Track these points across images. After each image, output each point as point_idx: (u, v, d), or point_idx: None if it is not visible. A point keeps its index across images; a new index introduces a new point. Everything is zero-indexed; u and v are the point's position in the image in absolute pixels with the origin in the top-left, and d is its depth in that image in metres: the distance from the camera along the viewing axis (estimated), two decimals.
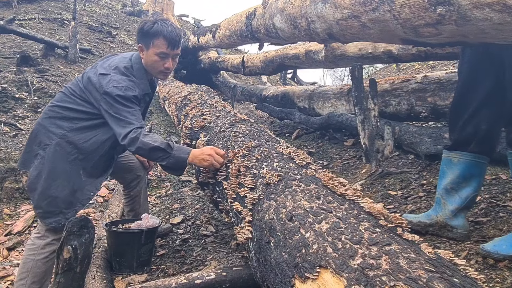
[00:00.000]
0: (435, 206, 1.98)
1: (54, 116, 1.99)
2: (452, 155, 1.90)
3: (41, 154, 1.93)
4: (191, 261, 2.30)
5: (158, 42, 1.98)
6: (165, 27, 1.98)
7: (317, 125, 4.37)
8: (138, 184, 2.51)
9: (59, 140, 1.94)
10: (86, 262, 1.99)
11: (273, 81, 10.00)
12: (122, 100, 1.89)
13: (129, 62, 2.06)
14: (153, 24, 1.98)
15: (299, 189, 1.33)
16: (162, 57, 2.01)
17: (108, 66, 2.01)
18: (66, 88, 2.08)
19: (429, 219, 1.95)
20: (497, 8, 1.10)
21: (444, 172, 1.94)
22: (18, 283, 1.87)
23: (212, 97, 3.23)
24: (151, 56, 2.01)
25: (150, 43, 1.99)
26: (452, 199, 1.88)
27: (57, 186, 1.90)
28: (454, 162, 1.89)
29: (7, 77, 5.83)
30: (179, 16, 14.48)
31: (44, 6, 10.11)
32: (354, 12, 1.71)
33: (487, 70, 1.79)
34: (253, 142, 1.90)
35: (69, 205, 1.94)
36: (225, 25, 4.36)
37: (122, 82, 1.93)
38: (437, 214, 1.93)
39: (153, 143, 1.85)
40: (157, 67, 2.05)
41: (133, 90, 1.94)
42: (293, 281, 1.05)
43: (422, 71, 6.94)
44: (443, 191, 1.92)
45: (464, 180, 1.87)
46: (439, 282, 0.79)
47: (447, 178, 1.91)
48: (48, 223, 1.90)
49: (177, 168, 1.96)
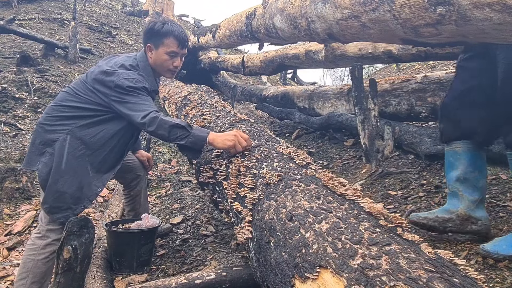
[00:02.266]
0: (451, 200, 1.89)
1: (58, 115, 2.00)
2: (456, 146, 1.88)
3: (49, 151, 1.93)
4: (191, 261, 2.30)
5: (169, 42, 2.07)
6: (175, 27, 2.08)
7: (317, 125, 4.37)
8: (138, 184, 2.52)
9: (66, 135, 1.94)
10: (86, 262, 1.98)
11: (273, 81, 10.00)
12: (134, 91, 1.93)
13: (134, 61, 2.10)
14: (163, 24, 2.07)
15: (299, 189, 1.33)
16: (172, 56, 2.10)
17: (114, 64, 2.04)
18: (70, 88, 2.09)
19: (448, 214, 1.84)
20: (497, 8, 1.10)
21: (452, 163, 1.89)
22: (18, 283, 1.86)
23: (212, 97, 3.23)
24: (161, 55, 2.09)
25: (160, 42, 2.07)
26: (470, 190, 1.82)
27: (64, 182, 1.91)
28: (459, 151, 1.86)
29: (7, 77, 5.83)
30: (179, 16, 14.47)
31: (44, 6, 10.10)
32: (354, 12, 1.71)
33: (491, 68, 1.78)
34: (253, 142, 1.90)
35: (77, 200, 1.94)
36: (225, 25, 4.36)
37: (131, 75, 1.98)
38: (457, 207, 1.83)
39: (173, 121, 1.90)
40: (166, 66, 2.12)
41: (143, 82, 1.99)
42: (293, 281, 1.05)
43: (422, 71, 6.94)
44: (458, 183, 1.85)
45: (475, 169, 1.83)
46: (439, 282, 0.79)
47: (458, 170, 1.85)
48: (56, 218, 1.90)
49: (195, 149, 1.95)
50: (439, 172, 2.67)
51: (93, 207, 3.46)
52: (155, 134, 1.93)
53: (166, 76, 2.24)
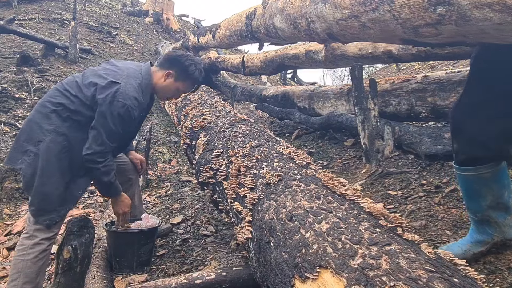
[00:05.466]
0: (481, 229, 1.68)
1: (46, 112, 1.94)
2: (483, 171, 1.60)
3: (33, 151, 1.89)
4: (191, 261, 2.30)
5: (189, 85, 2.21)
6: (201, 74, 2.20)
7: (317, 125, 4.37)
8: (130, 187, 2.46)
9: (53, 136, 1.90)
10: (86, 262, 1.99)
11: (273, 81, 10.00)
12: (118, 118, 1.89)
13: (140, 77, 2.04)
14: (195, 67, 2.16)
15: (299, 189, 1.33)
16: (180, 93, 2.24)
17: (120, 75, 1.97)
18: (61, 84, 2.03)
19: (484, 245, 1.67)
20: (497, 8, 1.10)
21: (477, 191, 1.64)
22: (11, 284, 1.85)
23: (212, 97, 3.23)
24: (174, 87, 2.17)
25: (182, 79, 2.16)
26: (503, 213, 1.64)
27: (51, 184, 1.88)
28: (487, 177, 1.60)
29: (7, 77, 5.83)
30: (179, 16, 14.48)
31: (44, 6, 10.11)
32: (354, 12, 1.71)
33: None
34: (253, 142, 1.90)
35: (63, 202, 1.92)
36: (225, 25, 4.36)
37: (127, 100, 1.91)
38: (491, 236, 1.66)
39: (107, 178, 1.99)
40: (169, 96, 2.25)
41: (134, 111, 1.94)
42: (293, 281, 1.05)
43: (422, 71, 6.94)
44: (489, 211, 1.63)
45: (504, 189, 1.62)
46: (439, 282, 0.79)
47: (487, 197, 1.62)
48: (42, 221, 1.88)
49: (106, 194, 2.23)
50: (439, 172, 2.67)
51: (93, 207, 3.46)
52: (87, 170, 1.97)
53: (161, 100, 2.33)
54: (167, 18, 12.14)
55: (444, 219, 2.10)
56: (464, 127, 1.61)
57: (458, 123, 1.64)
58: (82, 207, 3.46)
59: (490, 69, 1.52)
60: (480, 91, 1.55)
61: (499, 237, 1.66)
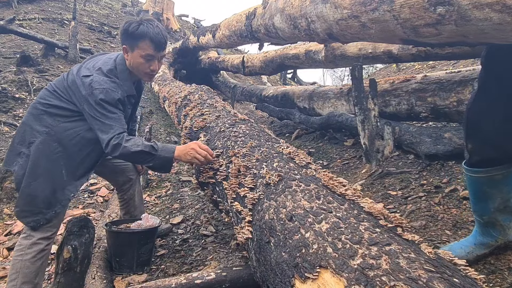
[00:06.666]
0: (485, 231, 1.68)
1: (37, 113, 1.95)
2: (494, 173, 1.58)
3: (25, 153, 1.89)
4: (191, 261, 2.30)
5: (144, 44, 1.93)
6: (151, 28, 1.92)
7: (317, 125, 4.37)
8: (131, 187, 2.46)
9: (44, 137, 1.90)
10: (86, 262, 1.99)
11: (273, 81, 10.00)
12: (104, 104, 1.86)
13: (113, 64, 2.00)
14: (138, 25, 1.91)
15: (299, 189, 1.33)
16: (148, 59, 1.97)
17: (92, 67, 1.97)
18: (50, 84, 2.04)
19: (487, 248, 1.67)
20: (497, 8, 1.10)
21: (486, 193, 1.63)
22: (10, 284, 1.84)
23: (212, 97, 3.23)
24: (136, 58, 1.96)
25: (135, 45, 1.94)
26: (508, 215, 1.64)
27: (37, 185, 1.86)
28: (498, 179, 1.59)
29: (7, 77, 5.83)
30: (179, 16, 14.49)
31: (44, 6, 10.11)
32: (354, 12, 1.71)
33: None
34: (253, 142, 1.90)
35: (49, 205, 1.89)
36: (225, 25, 4.36)
37: (103, 84, 1.89)
38: (495, 239, 1.66)
39: (136, 147, 1.85)
40: (142, 69, 2.01)
41: (115, 93, 1.90)
42: (293, 281, 1.05)
43: (422, 71, 6.95)
44: (497, 214, 1.63)
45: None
46: (439, 282, 0.79)
47: (496, 199, 1.61)
48: (27, 222, 1.87)
49: (164, 168, 1.97)
50: (439, 172, 2.67)
51: (93, 207, 3.46)
52: (120, 159, 1.89)
53: (144, 79, 2.15)
54: (167, 18, 12.15)
55: (444, 219, 2.10)
56: (480, 128, 1.56)
57: (474, 123, 1.59)
58: (82, 207, 3.46)
59: (506, 69, 1.48)
60: (496, 91, 1.51)
61: (503, 240, 1.66)
